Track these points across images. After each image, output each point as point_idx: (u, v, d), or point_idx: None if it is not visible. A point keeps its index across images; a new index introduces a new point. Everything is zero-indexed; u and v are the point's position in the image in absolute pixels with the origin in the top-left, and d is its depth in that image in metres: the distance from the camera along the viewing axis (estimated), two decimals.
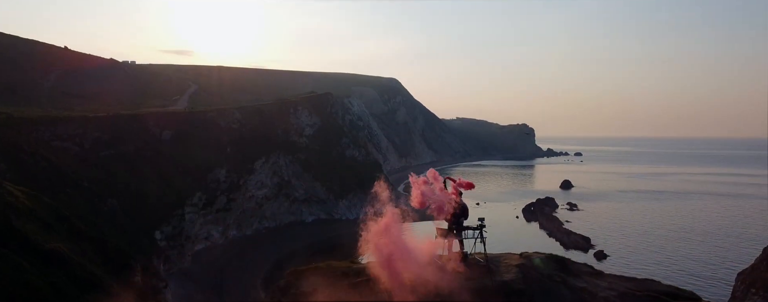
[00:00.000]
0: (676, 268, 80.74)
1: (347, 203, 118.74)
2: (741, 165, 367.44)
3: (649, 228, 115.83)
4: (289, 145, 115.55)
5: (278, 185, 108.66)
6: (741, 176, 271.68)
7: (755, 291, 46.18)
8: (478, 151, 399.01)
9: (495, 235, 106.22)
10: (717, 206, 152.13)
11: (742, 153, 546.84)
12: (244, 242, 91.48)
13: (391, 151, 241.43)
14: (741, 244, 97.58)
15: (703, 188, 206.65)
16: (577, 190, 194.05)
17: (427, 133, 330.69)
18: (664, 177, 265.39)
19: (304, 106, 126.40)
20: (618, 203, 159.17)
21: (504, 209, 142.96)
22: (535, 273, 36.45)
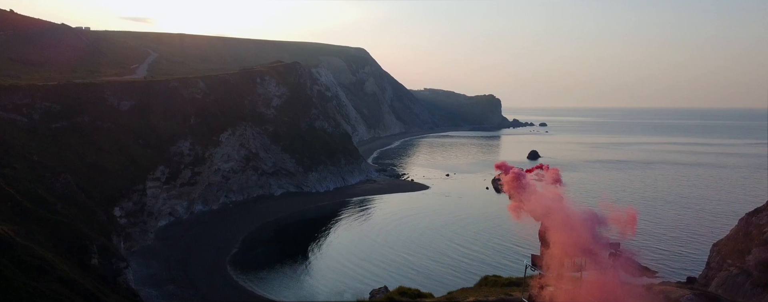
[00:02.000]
0: (648, 239, 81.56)
1: (317, 176, 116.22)
2: (698, 134, 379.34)
3: (617, 198, 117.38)
4: (256, 116, 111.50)
5: (245, 158, 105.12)
6: (698, 145, 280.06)
7: (731, 262, 46.31)
8: (446, 122, 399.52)
9: (467, 207, 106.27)
10: (680, 175, 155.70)
11: (699, 123, 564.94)
12: (211, 217, 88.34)
13: (359, 122, 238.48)
14: (711, 214, 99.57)
15: (664, 157, 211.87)
16: (543, 160, 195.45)
17: (396, 103, 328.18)
18: (627, 146, 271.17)
19: (272, 75, 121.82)
20: (584, 173, 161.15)
21: (473, 180, 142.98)
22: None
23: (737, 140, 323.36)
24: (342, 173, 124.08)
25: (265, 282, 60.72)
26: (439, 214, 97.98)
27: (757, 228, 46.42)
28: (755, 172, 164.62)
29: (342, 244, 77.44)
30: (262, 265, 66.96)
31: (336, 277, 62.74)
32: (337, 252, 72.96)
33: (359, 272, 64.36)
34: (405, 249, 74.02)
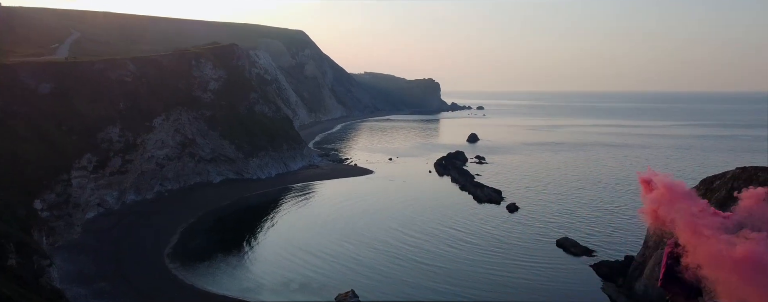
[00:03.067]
0: (587, 219, 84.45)
1: (258, 162, 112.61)
2: (625, 116, 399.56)
3: (555, 179, 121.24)
4: (192, 100, 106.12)
5: (181, 144, 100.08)
6: (626, 127, 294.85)
7: (667, 241, 48.14)
8: (387, 105, 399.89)
9: (412, 191, 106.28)
10: (610, 156, 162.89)
11: (626, 106, 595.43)
12: (145, 207, 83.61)
13: (300, 106, 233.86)
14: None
15: (596, 139, 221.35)
16: (483, 143, 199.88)
17: (337, 87, 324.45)
18: (561, 129, 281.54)
19: (208, 57, 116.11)
20: (522, 155, 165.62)
21: (416, 164, 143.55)
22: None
23: (660, 122, 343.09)
24: (284, 159, 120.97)
25: (206, 275, 57.95)
26: (383, 200, 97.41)
27: None
28: (677, 152, 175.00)
29: (285, 233, 75.29)
30: (202, 257, 63.93)
31: (280, 268, 60.78)
32: (280, 242, 70.84)
33: (303, 262, 62.61)
34: (349, 238, 72.77)
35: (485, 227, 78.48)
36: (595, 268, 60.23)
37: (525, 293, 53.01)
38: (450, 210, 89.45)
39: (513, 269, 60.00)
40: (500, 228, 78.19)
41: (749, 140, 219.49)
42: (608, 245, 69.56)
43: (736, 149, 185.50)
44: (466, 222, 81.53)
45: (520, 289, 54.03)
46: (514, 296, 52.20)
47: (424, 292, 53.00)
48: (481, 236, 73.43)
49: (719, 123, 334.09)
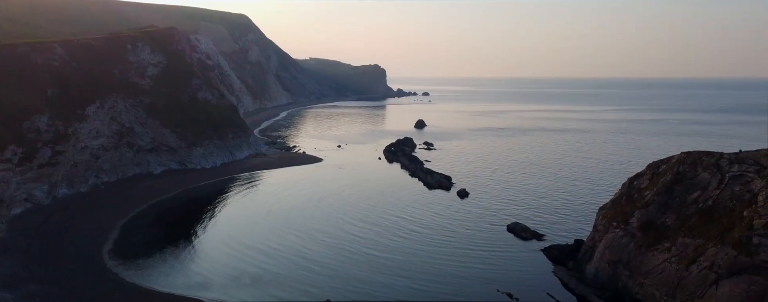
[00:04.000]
0: (534, 203, 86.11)
1: (202, 151, 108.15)
2: (564, 102, 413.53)
3: (501, 164, 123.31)
4: (129, 86, 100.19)
5: (118, 133, 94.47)
6: (565, 112, 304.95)
7: (616, 225, 49.47)
8: (333, 91, 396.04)
9: (362, 179, 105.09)
10: (552, 141, 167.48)
11: (564, 92, 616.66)
12: (80, 201, 78.41)
13: (244, 92, 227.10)
14: (585, 177, 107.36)
15: (538, 124, 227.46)
16: (430, 129, 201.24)
17: (282, 73, 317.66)
18: (504, 114, 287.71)
19: (145, 41, 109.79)
20: (468, 141, 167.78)
21: (366, 151, 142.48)
22: None
23: (597, 107, 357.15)
24: (229, 147, 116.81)
25: (150, 273, 54.82)
26: (333, 188, 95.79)
27: (638, 192, 49.94)
28: (613, 136, 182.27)
29: (233, 225, 72.51)
30: (145, 253, 60.46)
31: (228, 262, 58.36)
32: (228, 235, 68.10)
33: (252, 256, 60.37)
34: (299, 229, 70.93)
35: (437, 215, 78.45)
36: (545, 252, 61.33)
37: (479, 282, 52.70)
38: (401, 197, 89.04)
39: (466, 257, 59.94)
40: (452, 215, 78.42)
41: (675, 124, 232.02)
42: (557, 229, 71.09)
43: (666, 132, 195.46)
44: (418, 210, 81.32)
45: (474, 278, 53.71)
46: (467, 286, 51.71)
47: (376, 287, 51.41)
48: (433, 224, 73.23)
49: (650, 107, 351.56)
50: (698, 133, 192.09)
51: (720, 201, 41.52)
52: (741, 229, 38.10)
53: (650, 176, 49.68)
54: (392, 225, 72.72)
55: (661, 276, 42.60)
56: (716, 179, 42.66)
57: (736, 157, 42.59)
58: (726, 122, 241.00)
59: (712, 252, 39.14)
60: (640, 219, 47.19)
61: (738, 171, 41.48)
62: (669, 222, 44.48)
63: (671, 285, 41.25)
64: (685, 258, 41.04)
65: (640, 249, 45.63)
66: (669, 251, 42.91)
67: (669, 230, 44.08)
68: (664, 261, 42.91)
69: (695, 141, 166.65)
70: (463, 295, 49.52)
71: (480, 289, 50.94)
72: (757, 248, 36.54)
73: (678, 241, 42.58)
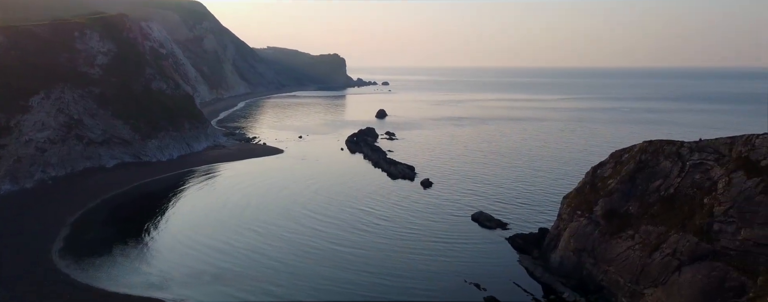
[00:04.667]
0: (497, 192, 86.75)
1: (158, 143, 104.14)
2: (521, 91, 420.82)
3: (463, 153, 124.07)
4: (77, 76, 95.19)
5: (66, 125, 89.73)
6: (522, 101, 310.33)
7: (581, 214, 50.12)
8: (292, 81, 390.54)
9: (325, 170, 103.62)
10: (511, 130, 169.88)
11: (522, 81, 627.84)
12: (25, 197, 74.09)
13: (200, 82, 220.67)
14: (553, 168, 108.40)
15: (497, 113, 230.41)
16: (391, 119, 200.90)
17: (239, 62, 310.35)
18: (463, 103, 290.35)
19: (94, 29, 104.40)
20: (430, 130, 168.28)
21: (328, 141, 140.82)
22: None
23: (554, 96, 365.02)
24: (186, 139, 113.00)
25: (104, 272, 52.20)
26: (296, 180, 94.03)
27: (602, 181, 50.67)
28: (570, 124, 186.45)
29: (191, 220, 70.03)
30: (99, 251, 57.56)
31: (187, 259, 56.24)
32: (186, 230, 65.68)
33: (212, 252, 58.34)
34: (259, 223, 69.04)
35: (401, 206, 77.94)
36: (510, 241, 61.78)
37: (446, 274, 52.11)
38: (365, 189, 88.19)
39: (432, 249, 59.53)
40: (416, 206, 78.13)
41: (626, 112, 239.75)
42: (520, 217, 71.81)
43: (618, 121, 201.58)
44: (382, 201, 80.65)
45: (441, 270, 53.18)
46: (434, 279, 50.83)
47: (340, 283, 49.86)
48: (397, 216, 72.62)
49: (602, 96, 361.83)
50: (648, 121, 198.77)
51: (681, 189, 42.51)
52: (702, 216, 39.07)
53: (613, 165, 50.51)
54: (356, 218, 71.66)
55: (625, 264, 43.41)
56: (677, 167, 43.65)
57: (696, 146, 43.64)
58: (672, 110, 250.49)
59: (674, 240, 40.04)
60: (603, 207, 47.94)
61: (698, 159, 42.53)
62: (632, 210, 45.33)
63: (635, 272, 42.07)
64: (648, 245, 41.89)
65: (604, 237, 46.39)
66: (632, 239, 43.74)
67: (632, 218, 44.92)
68: (627, 248, 43.72)
69: (645, 128, 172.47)
70: (431, 288, 49.01)
71: (448, 281, 50.66)
72: (717, 234, 37.54)
73: (641, 229, 43.43)
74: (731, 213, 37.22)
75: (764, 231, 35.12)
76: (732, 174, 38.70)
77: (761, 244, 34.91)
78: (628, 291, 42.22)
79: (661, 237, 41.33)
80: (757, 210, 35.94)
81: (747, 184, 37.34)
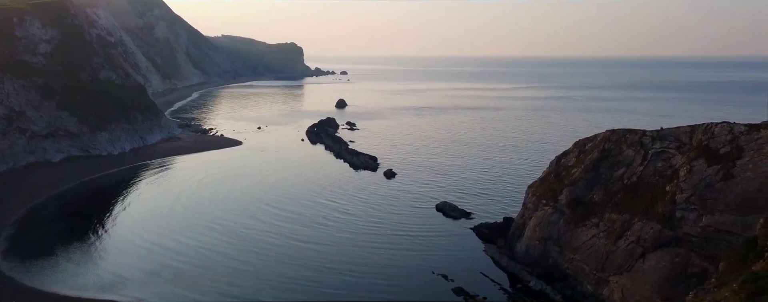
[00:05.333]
0: (460, 181, 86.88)
1: (108, 136, 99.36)
2: (477, 80, 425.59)
3: (425, 142, 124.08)
4: (17, 65, 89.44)
5: (6, 117, 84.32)
6: (479, 90, 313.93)
7: (546, 202, 50.49)
8: (248, 70, 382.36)
9: (286, 162, 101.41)
10: (471, 119, 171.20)
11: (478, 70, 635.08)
12: None
13: (152, 71, 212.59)
14: (514, 156, 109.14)
15: (455, 102, 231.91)
16: (351, 109, 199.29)
17: (193, 51, 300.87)
18: (422, 93, 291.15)
19: (35, 15, 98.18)
20: (390, 120, 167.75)
21: (287, 132, 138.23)
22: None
23: (509, 85, 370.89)
24: (139, 131, 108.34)
25: (53, 274, 49.21)
26: (256, 173, 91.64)
27: (566, 170, 51.13)
28: (527, 113, 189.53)
29: (145, 217, 67.00)
30: (47, 252, 54.24)
31: (142, 258, 53.79)
32: (140, 227, 62.83)
33: (168, 250, 55.87)
34: (218, 219, 66.58)
35: (365, 198, 76.89)
36: (475, 231, 61.91)
37: (413, 267, 51.17)
38: (327, 180, 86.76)
39: (397, 241, 58.71)
40: (380, 197, 77.34)
41: (580, 100, 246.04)
42: (484, 207, 72.04)
43: (574, 109, 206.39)
44: (346, 193, 79.44)
45: (408, 263, 52.32)
46: (402, 272, 49.91)
47: (303, 280, 47.82)
48: (361, 208, 71.53)
49: (556, 85, 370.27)
50: (601, 110, 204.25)
51: (644, 177, 43.26)
52: (664, 204, 39.83)
53: (577, 154, 51.03)
54: (318, 211, 69.98)
55: (590, 252, 43.97)
56: (640, 156, 44.38)
57: (657, 134, 44.45)
58: (622, 98, 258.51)
59: (638, 227, 40.72)
60: (568, 196, 48.40)
61: (660, 147, 43.33)
62: (596, 199, 45.90)
63: (600, 259, 42.66)
64: (613, 233, 42.51)
65: (569, 226, 46.87)
66: (597, 227, 44.31)
67: (596, 206, 45.51)
68: (592, 236, 44.28)
69: (599, 116, 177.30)
70: (399, 282, 48.16)
71: (415, 274, 50.07)
72: (679, 221, 38.34)
73: (605, 217, 44.03)
74: (693, 201, 38.06)
75: (724, 218, 36.05)
76: (693, 162, 39.54)
77: (722, 230, 35.83)
78: (594, 279, 42.82)
79: (625, 224, 41.98)
80: (717, 197, 36.84)
81: (707, 172, 38.21)
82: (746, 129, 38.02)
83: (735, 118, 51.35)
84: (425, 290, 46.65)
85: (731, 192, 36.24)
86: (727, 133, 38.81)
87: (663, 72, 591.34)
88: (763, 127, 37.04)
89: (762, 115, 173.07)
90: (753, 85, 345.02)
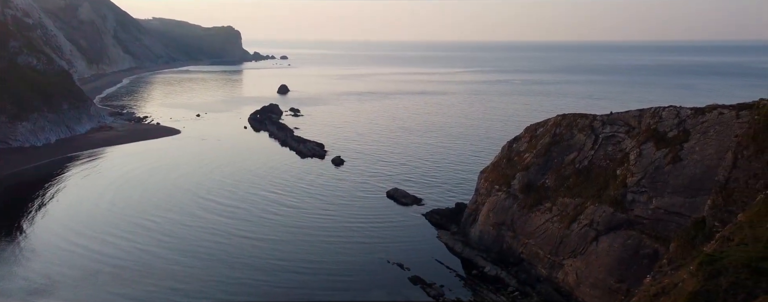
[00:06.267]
0: (409, 167, 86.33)
1: (30, 126, 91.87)
2: (418, 65, 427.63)
3: (371, 128, 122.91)
4: None
5: None
6: (420, 74, 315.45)
7: (499, 188, 50.57)
8: (183, 55, 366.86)
9: (229, 151, 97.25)
10: (415, 104, 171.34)
11: (417, 55, 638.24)
12: None
13: (77, 56, 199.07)
14: (461, 141, 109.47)
15: (398, 87, 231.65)
16: (294, 95, 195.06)
17: (121, 34, 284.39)
18: (364, 78, 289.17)
19: None
20: (335, 106, 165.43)
21: (229, 120, 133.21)
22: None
23: (448, 69, 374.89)
24: (65, 120, 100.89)
25: None
26: (196, 163, 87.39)
27: (518, 155, 51.35)
28: (469, 97, 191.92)
29: (75, 213, 62.28)
30: None
31: (74, 258, 49.88)
32: (70, 224, 58.37)
33: (102, 249, 52.13)
34: (157, 213, 62.80)
35: (313, 186, 74.83)
36: (427, 217, 61.58)
37: (367, 256, 50.13)
38: (274, 170, 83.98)
39: (349, 231, 57.49)
40: (329, 185, 75.57)
41: (519, 84, 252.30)
42: (435, 193, 71.86)
43: (513, 92, 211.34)
44: (293, 182, 76.95)
45: (361, 253, 51.08)
46: (356, 262, 48.72)
47: (253, 278, 45.43)
48: (310, 198, 69.46)
49: (494, 69, 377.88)
50: (539, 93, 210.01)
51: (595, 161, 43.96)
52: (616, 187, 40.59)
53: (529, 139, 51.32)
54: (265, 203, 67.27)
55: (544, 236, 44.41)
56: (591, 140, 45.03)
57: (607, 119, 45.21)
58: (558, 82, 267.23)
59: (590, 211, 41.37)
60: (521, 181, 48.65)
61: (610, 132, 44.10)
62: (549, 183, 46.34)
63: (554, 243, 43.15)
64: (566, 217, 43.03)
65: (523, 211, 47.16)
66: (550, 211, 44.76)
67: (549, 191, 45.94)
68: (546, 221, 44.72)
69: (538, 100, 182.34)
70: (355, 275, 46.88)
71: (370, 265, 48.95)
72: (631, 204, 39.17)
73: (558, 201, 44.52)
74: (643, 184, 38.92)
75: (674, 200, 37.06)
76: (642, 145, 40.40)
77: (671, 212, 36.83)
78: (548, 263, 43.31)
79: (578, 208, 42.56)
80: (666, 180, 37.81)
81: (656, 155, 39.13)
82: (692, 113, 39.13)
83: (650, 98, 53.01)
84: (382, 281, 45.63)
85: (679, 174, 37.26)
86: (674, 117, 39.83)
87: (592, 56, 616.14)
88: (707, 111, 38.21)
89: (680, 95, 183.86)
90: (679, 68, 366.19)
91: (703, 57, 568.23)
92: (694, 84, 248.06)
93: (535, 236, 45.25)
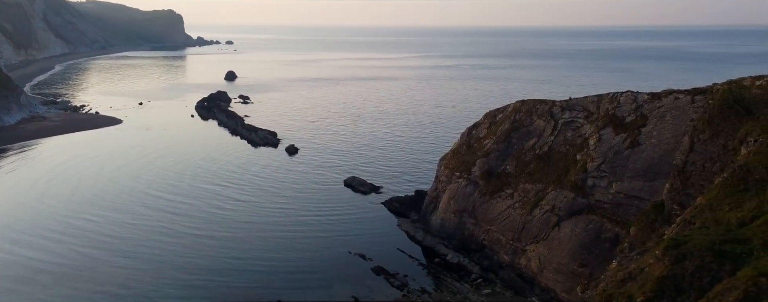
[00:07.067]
0: (365, 155, 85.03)
1: None
2: (366, 50, 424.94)
3: (323, 115, 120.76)
4: None
5: None
6: (371, 60, 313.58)
7: (459, 175, 50.26)
8: (121, 40, 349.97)
9: (176, 142, 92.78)
10: (367, 90, 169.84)
11: (365, 40, 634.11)
12: None
13: (2, 41, 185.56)
14: (415, 127, 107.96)
15: (349, 73, 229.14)
16: (242, 81, 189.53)
17: (52, 18, 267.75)
18: (314, 63, 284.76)
19: None
20: (285, 92, 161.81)
21: (174, 108, 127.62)
22: None
23: (397, 55, 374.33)
24: None
25: None
26: (140, 155, 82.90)
27: (478, 141, 51.12)
28: (420, 83, 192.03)
29: (7, 211, 57.87)
30: None
31: (11, 260, 46.33)
32: (4, 223, 54.22)
33: (40, 250, 48.52)
34: (99, 209, 59.11)
35: (267, 177, 72.47)
36: (386, 205, 60.80)
37: (327, 249, 48.52)
38: (225, 160, 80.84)
39: (307, 223, 55.63)
40: (284, 175, 73.38)
41: (468, 69, 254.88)
42: (393, 181, 71.00)
43: (463, 77, 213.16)
44: (246, 173, 74.13)
45: (321, 245, 49.38)
46: (316, 256, 46.87)
47: (206, 276, 42.97)
48: (264, 189, 67.06)
49: (442, 54, 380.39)
50: (488, 77, 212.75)
51: (555, 146, 44.18)
52: (576, 172, 40.93)
53: (488, 125, 51.14)
54: (216, 195, 64.25)
55: (506, 222, 44.46)
56: (550, 126, 45.20)
57: (566, 104, 45.44)
58: (506, 66, 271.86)
59: (552, 196, 41.61)
60: (481, 167, 48.47)
61: (569, 117, 44.36)
62: (510, 170, 46.34)
63: (516, 229, 43.26)
64: (528, 203, 43.17)
65: (484, 198, 47.05)
66: (512, 197, 44.81)
67: (510, 177, 45.95)
68: (508, 207, 44.75)
69: (488, 84, 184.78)
70: (315, 268, 45.40)
71: (330, 256, 47.60)
72: (591, 189, 39.60)
73: (519, 187, 44.60)
74: (603, 168, 39.38)
75: (633, 184, 37.66)
76: (601, 130, 40.82)
77: (631, 196, 37.43)
78: (511, 249, 43.43)
79: (539, 194, 42.75)
80: (625, 164, 38.35)
81: (615, 140, 39.63)
82: (649, 97, 39.75)
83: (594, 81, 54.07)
84: (345, 273, 44.44)
85: (638, 159, 37.85)
86: (632, 102, 40.39)
87: (536, 41, 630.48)
88: (664, 95, 38.89)
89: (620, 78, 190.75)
90: (617, 53, 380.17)
91: (638, 41, 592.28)
92: (632, 68, 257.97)
93: (496, 222, 45.25)
